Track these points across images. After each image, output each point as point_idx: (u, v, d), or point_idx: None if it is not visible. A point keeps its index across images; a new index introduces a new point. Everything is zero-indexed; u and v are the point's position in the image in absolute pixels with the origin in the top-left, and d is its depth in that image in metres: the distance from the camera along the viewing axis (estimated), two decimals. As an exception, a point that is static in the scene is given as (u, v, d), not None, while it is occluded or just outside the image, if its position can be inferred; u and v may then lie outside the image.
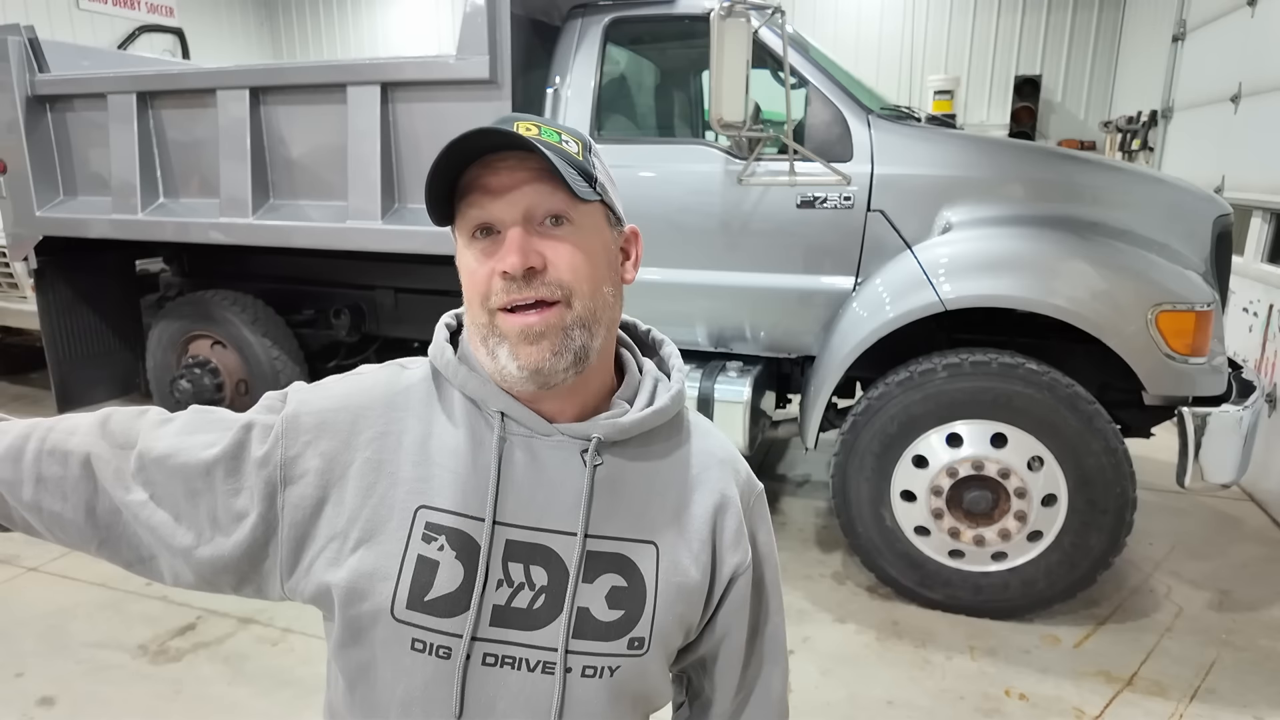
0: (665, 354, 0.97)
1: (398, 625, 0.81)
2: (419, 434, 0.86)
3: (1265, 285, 4.23)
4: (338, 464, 0.84)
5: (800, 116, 3.12)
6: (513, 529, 0.83)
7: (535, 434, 0.85)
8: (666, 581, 0.85)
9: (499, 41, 3.15)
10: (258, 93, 3.63)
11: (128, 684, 2.67)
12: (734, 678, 0.96)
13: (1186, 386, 2.79)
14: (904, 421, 2.95)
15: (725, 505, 0.90)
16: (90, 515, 0.88)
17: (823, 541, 3.70)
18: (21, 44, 3.97)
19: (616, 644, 0.83)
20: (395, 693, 0.83)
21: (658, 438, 0.90)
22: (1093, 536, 2.86)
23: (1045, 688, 2.66)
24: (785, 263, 3.18)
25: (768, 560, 0.96)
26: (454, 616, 0.81)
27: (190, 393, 4.25)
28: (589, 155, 0.84)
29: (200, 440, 0.87)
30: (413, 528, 0.82)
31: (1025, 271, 2.84)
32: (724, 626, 0.93)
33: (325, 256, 3.98)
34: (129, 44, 9.04)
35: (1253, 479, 4.08)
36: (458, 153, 0.78)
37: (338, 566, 0.83)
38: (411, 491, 0.83)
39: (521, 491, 0.84)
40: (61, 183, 4.20)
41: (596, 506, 0.84)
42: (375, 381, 0.90)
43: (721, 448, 0.95)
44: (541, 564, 0.83)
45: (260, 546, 0.86)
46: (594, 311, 0.82)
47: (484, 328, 0.82)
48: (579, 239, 0.82)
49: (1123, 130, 7.53)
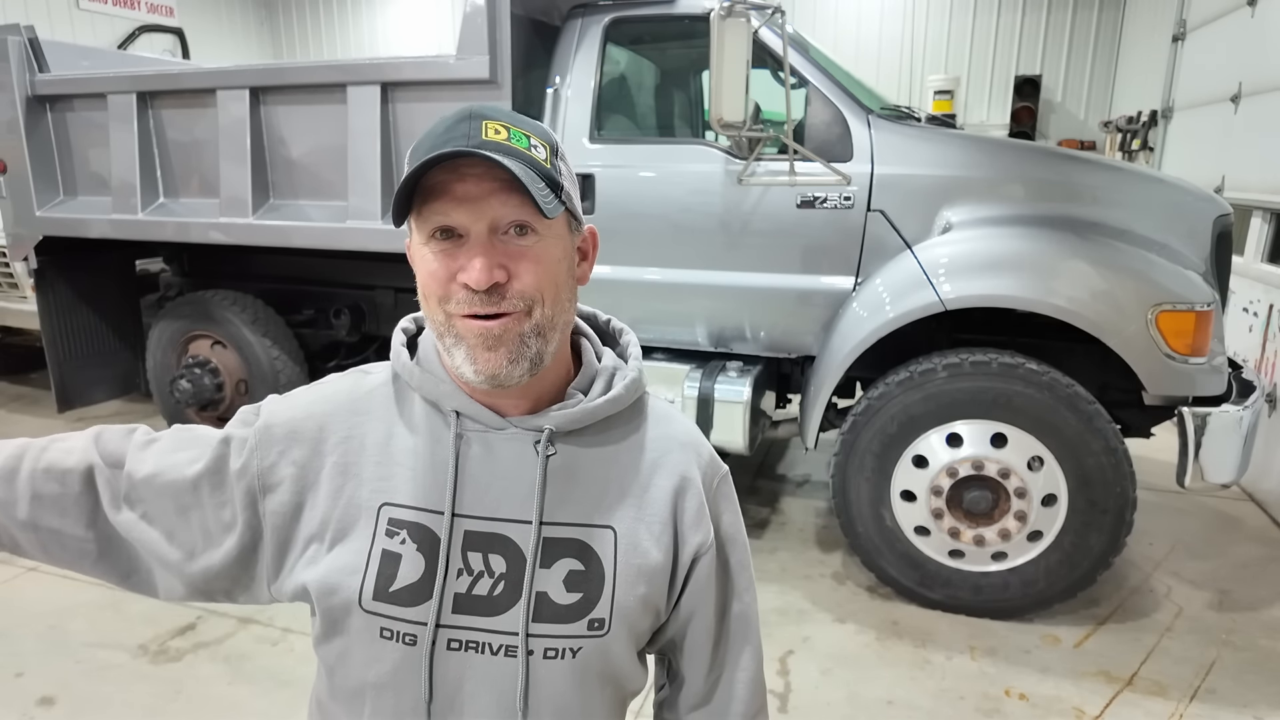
0: (624, 343, 1.00)
1: (367, 615, 0.86)
2: (381, 435, 0.90)
3: (1265, 285, 4.23)
4: (310, 470, 0.89)
5: (800, 116, 3.12)
6: (471, 520, 0.86)
7: (490, 429, 0.88)
8: (626, 564, 0.88)
9: (499, 41, 3.15)
10: (258, 93, 3.63)
11: (128, 684, 2.68)
12: (705, 657, 0.98)
13: (1186, 386, 2.79)
14: (904, 421, 2.95)
15: (686, 487, 0.92)
16: (91, 529, 0.92)
17: (823, 541, 3.70)
18: (21, 44, 3.97)
19: (576, 625, 0.86)
20: (368, 677, 0.87)
21: (616, 424, 0.92)
22: (1093, 536, 2.86)
23: (1045, 688, 2.67)
24: (785, 263, 3.18)
25: (733, 540, 0.98)
26: (418, 605, 0.85)
27: (190, 393, 4.25)
28: (556, 160, 0.84)
29: (184, 458, 0.92)
30: (377, 524, 0.87)
31: (1025, 271, 2.84)
32: (690, 607, 0.95)
33: (325, 256, 3.98)
34: (129, 44, 9.04)
35: (1253, 479, 4.08)
36: (430, 161, 0.78)
37: (315, 565, 0.88)
38: (375, 490, 0.88)
39: (478, 484, 0.87)
40: (61, 183, 4.20)
41: (552, 494, 0.87)
42: (338, 389, 0.94)
43: (684, 431, 0.97)
44: (500, 552, 0.86)
45: (249, 552, 0.91)
46: (551, 318, 0.84)
47: (441, 325, 0.84)
48: (542, 249, 0.83)
49: (1123, 130, 7.53)
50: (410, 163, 0.80)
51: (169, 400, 4.43)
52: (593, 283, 3.84)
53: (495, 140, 0.79)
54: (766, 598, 3.18)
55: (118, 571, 0.94)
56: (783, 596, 3.20)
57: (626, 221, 3.25)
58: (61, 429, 0.97)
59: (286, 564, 0.90)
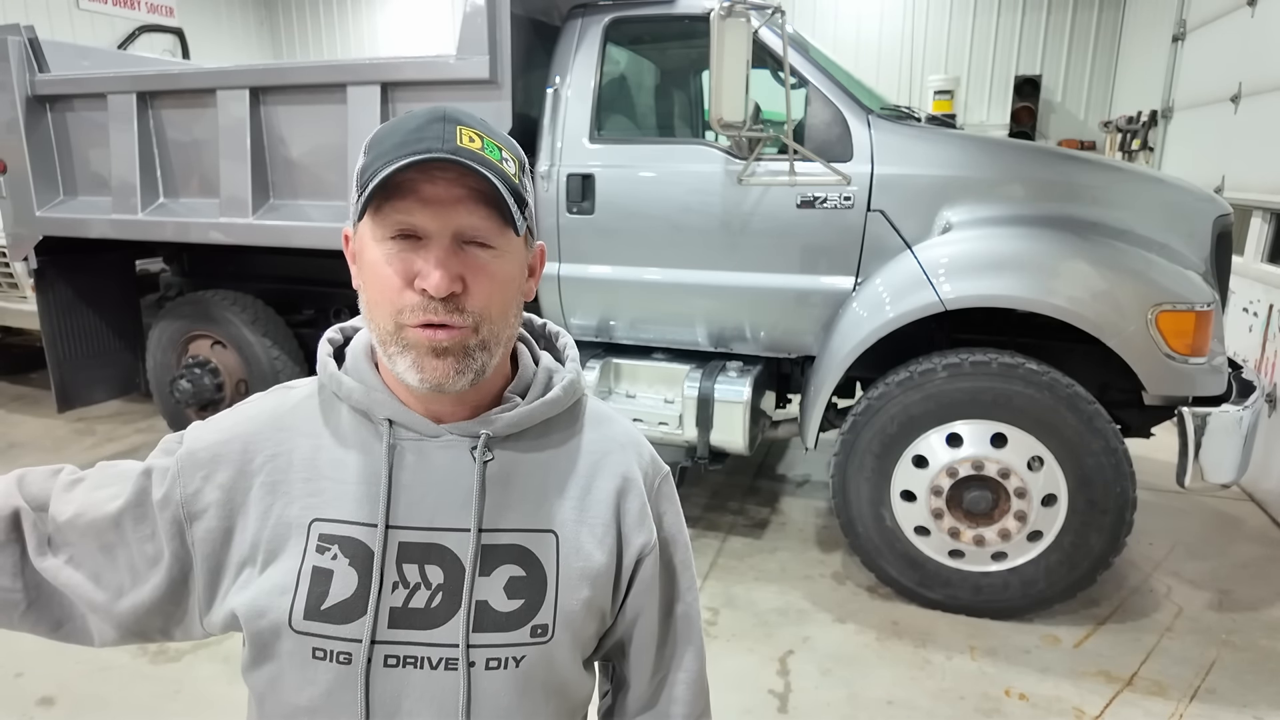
0: (560, 345, 0.99)
1: (298, 636, 0.82)
2: (308, 450, 0.87)
3: (1265, 285, 4.23)
4: (237, 492, 0.86)
5: (800, 116, 3.12)
6: (405, 531, 0.84)
7: (424, 436, 0.86)
8: (568, 567, 0.87)
9: (499, 41, 3.15)
10: (258, 93, 3.63)
11: (128, 684, 2.68)
12: (649, 659, 0.97)
13: (1186, 386, 2.79)
14: (904, 421, 2.95)
15: (628, 488, 0.91)
16: (18, 578, 0.88)
17: (823, 541, 3.70)
18: (21, 44, 3.97)
19: (518, 633, 0.84)
20: (300, 702, 0.84)
21: (555, 428, 0.91)
22: (1093, 536, 2.86)
23: (1045, 688, 2.67)
24: (785, 263, 3.18)
25: (675, 540, 0.97)
26: (351, 622, 0.82)
27: (190, 393, 4.25)
28: (523, 177, 0.83)
29: (105, 494, 0.88)
30: (307, 541, 0.84)
31: (1025, 271, 2.84)
32: (635, 608, 0.94)
33: (325, 256, 3.98)
34: (129, 44, 9.03)
35: (1253, 479, 4.08)
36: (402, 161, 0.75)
37: (245, 590, 0.84)
38: (305, 507, 0.85)
39: (413, 494, 0.85)
40: (61, 183, 4.19)
41: (491, 501, 0.85)
42: (261, 408, 0.91)
43: (624, 432, 0.96)
44: (437, 562, 0.84)
45: (179, 584, 0.88)
46: (497, 334, 0.83)
47: (388, 334, 0.81)
48: (499, 266, 0.81)
49: (1123, 130, 7.53)
50: (371, 154, 0.78)
51: (169, 400, 4.43)
52: (593, 283, 3.84)
53: (470, 148, 0.77)
54: (767, 597, 3.18)
55: (48, 622, 0.89)
56: (783, 596, 3.20)
57: (626, 221, 3.25)
58: (61, 429, 0.96)
59: (219, 592, 0.87)
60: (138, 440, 4.90)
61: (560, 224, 3.32)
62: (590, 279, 3.37)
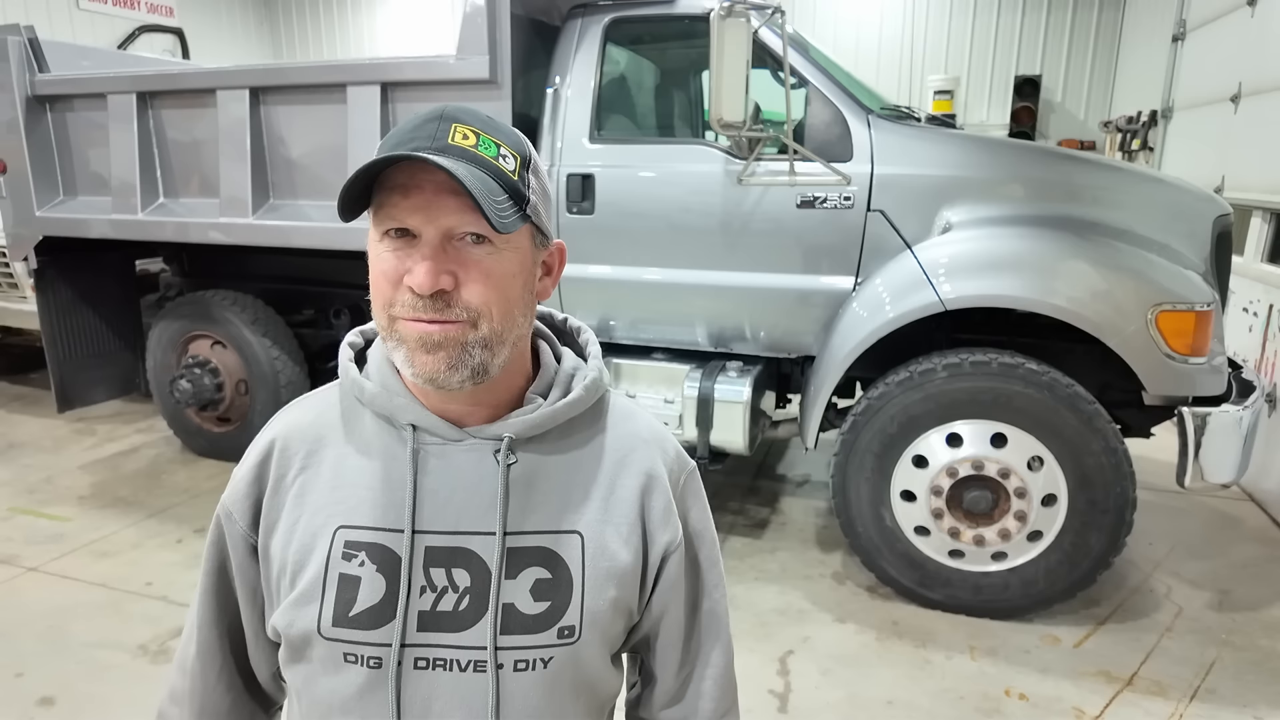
0: (583, 341, 0.98)
1: (328, 643, 0.84)
2: (334, 458, 0.88)
3: (1265, 285, 4.23)
4: (271, 510, 0.89)
5: (800, 116, 3.12)
6: (431, 535, 0.84)
7: (447, 440, 0.86)
8: (594, 568, 0.86)
9: (499, 41, 3.15)
10: (258, 93, 3.63)
11: (128, 684, 2.68)
12: (676, 655, 0.97)
13: (1186, 386, 2.79)
14: (904, 421, 2.95)
15: (652, 485, 0.91)
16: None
17: (823, 541, 3.70)
18: (21, 44, 3.97)
19: (545, 635, 0.84)
20: (333, 702, 0.85)
21: (578, 426, 0.91)
22: (1093, 536, 2.86)
23: (1045, 688, 2.66)
24: (785, 263, 3.18)
25: (702, 537, 0.97)
26: (380, 628, 0.83)
27: (190, 392, 4.25)
28: (525, 172, 0.81)
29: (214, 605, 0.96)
30: (331, 548, 0.85)
31: (1025, 271, 2.84)
32: (661, 605, 0.94)
33: (325, 256, 3.98)
34: (129, 44, 9.04)
35: (1253, 479, 4.08)
36: (383, 160, 0.76)
37: (283, 598, 0.87)
38: (331, 515, 0.86)
39: (437, 498, 0.85)
40: (61, 183, 4.20)
41: (515, 503, 0.85)
42: (283, 425, 0.93)
43: (647, 428, 0.96)
44: (463, 566, 0.84)
45: (261, 609, 0.94)
46: (499, 334, 0.81)
47: (384, 328, 0.82)
48: (495, 261, 0.80)
49: (1123, 130, 7.53)
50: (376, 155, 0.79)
51: (169, 400, 4.43)
52: (594, 283, 3.84)
53: (460, 145, 0.77)
54: (767, 597, 3.18)
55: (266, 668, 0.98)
56: (783, 596, 3.20)
57: (626, 221, 3.25)
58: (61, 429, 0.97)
59: (273, 604, 0.90)
60: (138, 440, 4.90)
61: (560, 224, 3.32)
62: (590, 279, 3.37)
